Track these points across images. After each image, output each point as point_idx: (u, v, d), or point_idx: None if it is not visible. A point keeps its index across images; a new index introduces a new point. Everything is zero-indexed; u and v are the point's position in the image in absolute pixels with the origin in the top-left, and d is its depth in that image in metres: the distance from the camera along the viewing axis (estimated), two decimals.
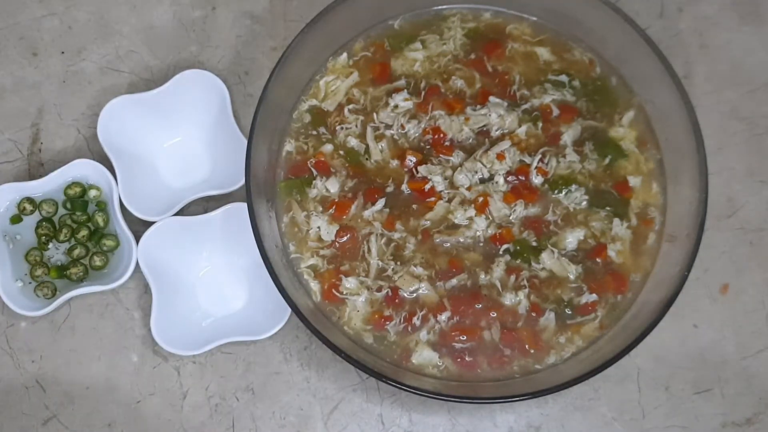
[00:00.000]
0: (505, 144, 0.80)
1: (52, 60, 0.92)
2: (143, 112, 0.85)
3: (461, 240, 0.79)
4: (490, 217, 0.79)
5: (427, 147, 0.82)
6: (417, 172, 0.80)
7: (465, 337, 0.76)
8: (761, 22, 0.92)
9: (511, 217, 0.79)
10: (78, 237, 0.84)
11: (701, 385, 0.81)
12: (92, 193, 0.85)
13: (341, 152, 0.82)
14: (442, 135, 0.81)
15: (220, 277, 0.84)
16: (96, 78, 0.92)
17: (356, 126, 0.82)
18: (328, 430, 0.80)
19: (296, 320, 0.73)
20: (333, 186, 0.80)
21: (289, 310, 0.73)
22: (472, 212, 0.78)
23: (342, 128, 0.82)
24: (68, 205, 0.84)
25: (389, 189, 0.80)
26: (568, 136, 0.81)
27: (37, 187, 0.84)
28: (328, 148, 0.82)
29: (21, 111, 0.91)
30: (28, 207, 0.84)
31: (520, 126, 0.81)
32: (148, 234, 0.81)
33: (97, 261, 0.83)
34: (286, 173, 0.81)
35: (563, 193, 0.79)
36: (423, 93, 0.83)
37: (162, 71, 0.91)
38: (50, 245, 0.84)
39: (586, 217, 0.79)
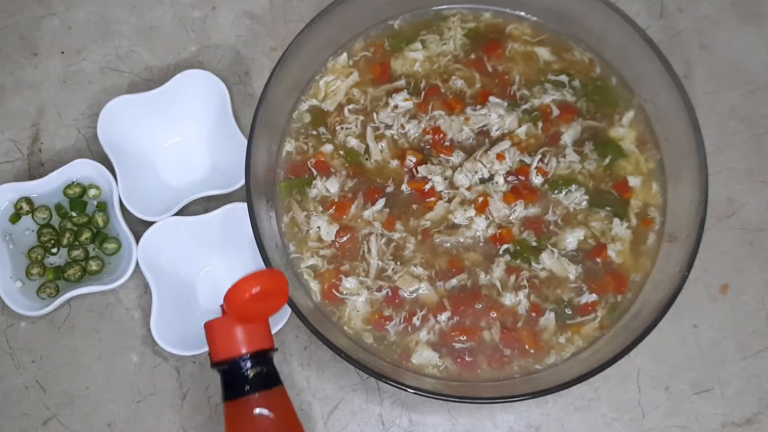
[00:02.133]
0: (505, 144, 0.80)
1: (52, 60, 0.92)
2: (143, 112, 0.85)
3: (461, 240, 0.79)
4: (490, 217, 0.79)
5: (427, 147, 0.82)
6: (417, 172, 0.80)
7: (465, 337, 0.76)
8: (761, 22, 0.92)
9: (511, 217, 0.79)
10: (81, 239, 0.84)
11: (701, 385, 0.81)
12: (92, 192, 0.85)
13: (341, 152, 0.82)
14: (442, 135, 0.81)
15: (220, 277, 0.84)
16: (96, 78, 0.92)
17: (356, 126, 0.82)
18: (328, 430, 0.80)
19: (296, 320, 0.73)
20: (333, 186, 0.80)
21: (289, 310, 0.73)
22: (472, 212, 0.78)
23: (342, 128, 0.82)
24: (62, 211, 0.85)
25: (389, 189, 0.80)
26: (568, 136, 0.81)
27: (37, 187, 0.84)
28: (328, 148, 0.82)
29: (21, 111, 0.91)
30: (25, 207, 0.84)
31: (520, 126, 0.81)
32: (148, 234, 0.81)
33: (93, 266, 0.83)
34: (286, 173, 0.81)
35: (563, 193, 0.80)
36: (423, 93, 0.83)
37: (162, 71, 0.91)
38: (54, 250, 0.84)
39: (586, 217, 0.79)
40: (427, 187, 0.80)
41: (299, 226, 0.80)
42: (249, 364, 0.65)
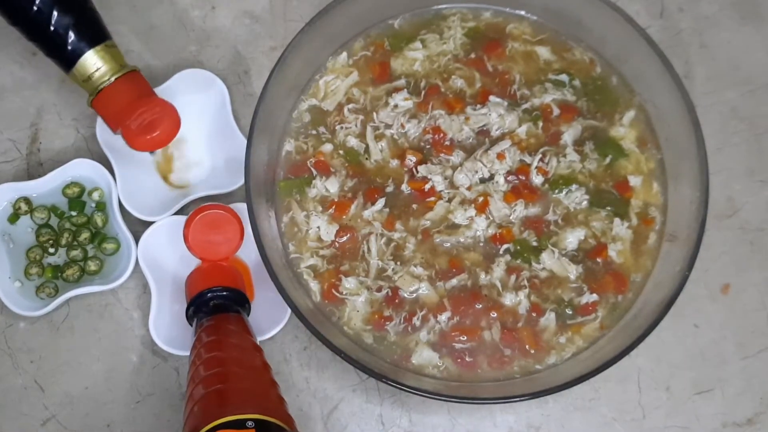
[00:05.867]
0: (506, 144, 0.80)
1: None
2: None
3: (461, 240, 0.79)
4: (490, 216, 0.79)
5: (427, 147, 0.81)
6: (417, 171, 0.80)
7: (465, 338, 0.75)
8: (761, 22, 0.93)
9: (511, 217, 0.79)
10: (80, 240, 0.84)
11: (701, 385, 0.81)
12: (95, 194, 0.85)
13: (341, 152, 0.81)
14: (442, 134, 0.81)
15: None
16: None
17: (356, 126, 0.82)
18: (328, 431, 0.80)
19: (296, 320, 0.73)
20: (333, 186, 0.80)
21: (289, 310, 0.73)
22: (472, 212, 0.78)
23: (342, 128, 0.82)
24: (60, 211, 0.84)
25: (389, 189, 0.80)
26: (569, 135, 0.81)
27: (35, 187, 0.84)
28: (328, 147, 0.82)
29: (20, 111, 0.91)
30: (24, 207, 0.83)
31: (520, 125, 0.81)
32: (148, 234, 0.81)
33: (92, 266, 0.83)
34: (285, 173, 0.81)
35: (563, 192, 0.79)
36: (423, 92, 0.83)
37: (162, 71, 0.91)
38: (52, 250, 0.84)
39: (587, 216, 0.79)
40: (427, 186, 0.79)
41: (299, 226, 0.79)
42: (209, 296, 0.76)
